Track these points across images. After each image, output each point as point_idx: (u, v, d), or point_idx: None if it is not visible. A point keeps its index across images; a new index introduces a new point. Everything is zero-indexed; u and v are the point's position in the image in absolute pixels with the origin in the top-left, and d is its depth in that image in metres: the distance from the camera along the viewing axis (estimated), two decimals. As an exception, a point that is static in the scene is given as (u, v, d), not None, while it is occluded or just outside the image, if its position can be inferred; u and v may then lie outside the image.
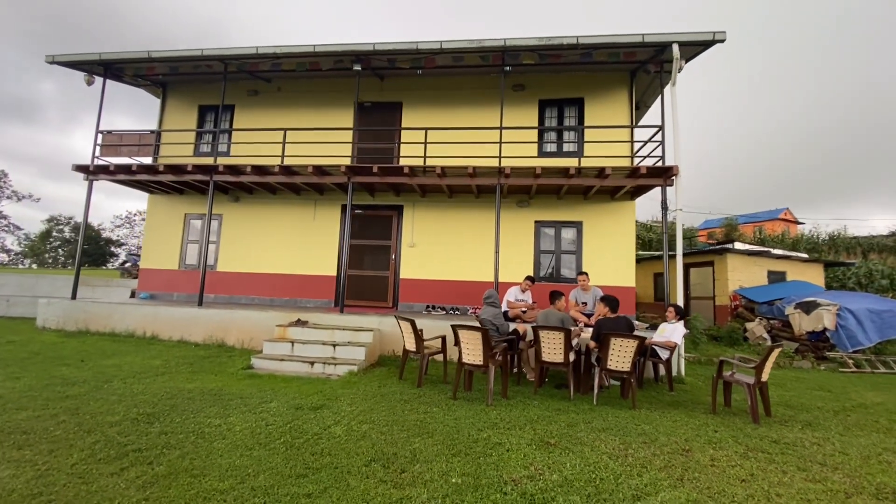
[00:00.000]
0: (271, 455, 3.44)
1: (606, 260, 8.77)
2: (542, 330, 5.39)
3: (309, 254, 9.72)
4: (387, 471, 3.27)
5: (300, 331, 7.25)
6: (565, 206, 9.11)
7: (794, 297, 10.27)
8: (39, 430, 3.72)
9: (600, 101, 9.22)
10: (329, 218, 9.81)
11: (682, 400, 5.78)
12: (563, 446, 3.87)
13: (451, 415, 4.61)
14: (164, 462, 3.24)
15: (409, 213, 9.56)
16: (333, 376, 6.24)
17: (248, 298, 9.78)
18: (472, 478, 3.20)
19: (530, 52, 7.73)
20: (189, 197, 10.23)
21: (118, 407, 4.39)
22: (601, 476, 3.31)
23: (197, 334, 7.97)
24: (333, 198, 9.81)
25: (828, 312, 9.04)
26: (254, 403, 4.71)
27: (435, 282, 9.22)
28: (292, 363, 6.55)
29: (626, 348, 5.16)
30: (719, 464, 3.65)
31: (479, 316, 6.21)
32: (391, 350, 7.47)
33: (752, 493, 3.16)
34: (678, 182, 7.20)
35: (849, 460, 3.85)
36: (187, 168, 8.33)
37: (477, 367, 5.18)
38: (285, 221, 9.90)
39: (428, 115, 9.56)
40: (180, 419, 4.13)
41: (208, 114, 10.62)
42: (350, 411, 4.59)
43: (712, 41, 7.00)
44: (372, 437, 3.90)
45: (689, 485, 3.24)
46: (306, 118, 9.88)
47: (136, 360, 6.48)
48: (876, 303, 9.26)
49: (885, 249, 26.53)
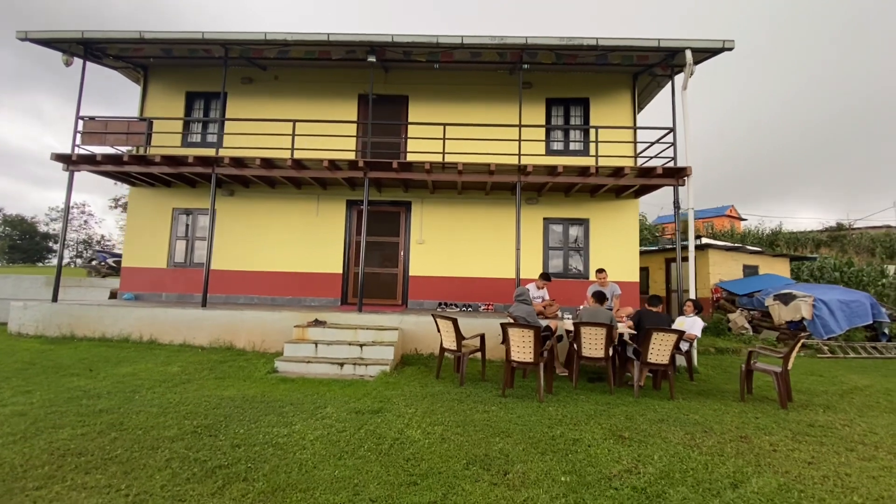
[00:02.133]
0: (366, 464, 3.33)
1: (612, 256, 9.09)
2: (585, 326, 5.53)
3: (312, 251, 9.37)
4: (490, 473, 3.27)
5: (320, 331, 7.01)
6: (573, 204, 9.34)
7: (770, 289, 11.11)
8: (95, 451, 3.39)
9: (604, 101, 9.49)
10: (333, 213, 9.49)
11: (706, 389, 6.13)
12: (636, 439, 4.01)
13: (512, 413, 4.64)
14: (260, 478, 3.06)
15: (417, 209, 9.44)
16: (366, 377, 6.10)
17: (246, 298, 9.30)
18: (576, 476, 3.26)
19: (548, 52, 7.81)
20: (178, 190, 9.55)
21: (166, 419, 4.07)
22: (690, 466, 3.47)
23: (202, 337, 7.51)
24: (338, 192, 9.50)
25: (805, 303, 9.87)
26: (309, 409, 4.52)
27: (445, 279, 9.18)
28: (320, 365, 6.33)
29: (667, 342, 5.40)
30: (780, 449, 3.92)
31: (511, 313, 6.26)
32: (412, 349, 7.39)
33: (826, 475, 3.42)
34: (689, 182, 7.58)
35: (883, 439, 4.25)
36: (188, 160, 7.76)
37: (527, 364, 5.24)
38: (286, 217, 9.47)
39: (435, 111, 9.44)
40: (243, 430, 3.90)
41: (197, 101, 9.92)
42: (412, 413, 4.52)
43: (721, 48, 7.40)
44: (452, 440, 3.86)
45: (768, 470, 3.46)
46: (306, 109, 9.46)
47: (150, 367, 6.01)
48: (844, 294, 10.21)
49: (820, 244, 29.17)
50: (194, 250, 9.53)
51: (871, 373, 7.76)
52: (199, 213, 9.59)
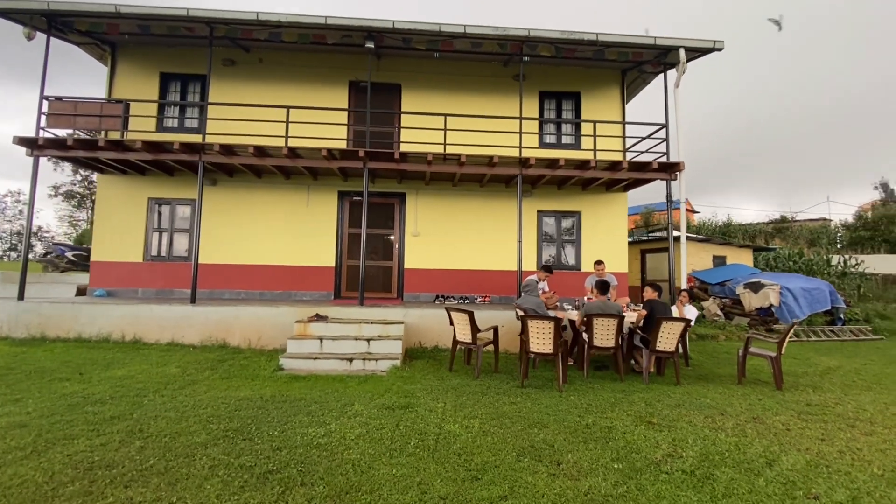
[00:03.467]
0: (419, 461, 3.29)
1: (602, 247, 9.36)
2: (597, 317, 5.67)
3: (303, 244, 9.04)
4: (543, 464, 3.31)
5: (323, 326, 6.81)
6: (565, 197, 9.51)
7: (739, 278, 11.83)
8: (125, 462, 3.15)
9: (595, 95, 9.69)
10: (325, 204, 9.18)
11: (703, 373, 6.47)
12: (664, 425, 4.19)
13: (539, 403, 4.72)
14: (317, 481, 2.95)
15: (412, 200, 9.29)
16: (377, 372, 6.00)
17: (233, 293, 8.87)
18: (626, 462, 3.36)
19: (548, 45, 7.85)
20: (154, 178, 8.90)
21: (189, 424, 3.84)
22: (723, 448, 3.66)
23: (192, 335, 7.10)
24: (329, 183, 9.19)
25: (773, 291, 10.59)
26: (336, 407, 4.40)
27: (441, 271, 9.14)
28: (328, 361, 6.16)
29: (675, 331, 5.65)
30: (793, 429, 4.21)
31: (520, 305, 6.34)
32: (416, 342, 7.33)
33: (841, 450, 3.71)
34: (681, 176, 7.91)
35: (873, 415, 4.65)
36: (173, 146, 7.22)
37: (546, 355, 5.32)
38: (274, 208, 9.07)
39: (429, 100, 9.28)
40: (277, 432, 3.74)
41: (172, 83, 9.24)
42: (441, 408, 4.49)
43: (712, 48, 7.72)
44: (493, 433, 3.88)
45: (791, 448, 3.71)
46: (293, 95, 9.04)
47: (146, 369, 5.62)
48: (806, 282, 11.04)
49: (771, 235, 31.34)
50: (174, 243, 8.96)
51: (836, 354, 8.46)
52: (179, 204, 9.00)
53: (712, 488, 3.01)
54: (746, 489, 3.01)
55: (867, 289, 15.97)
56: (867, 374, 6.63)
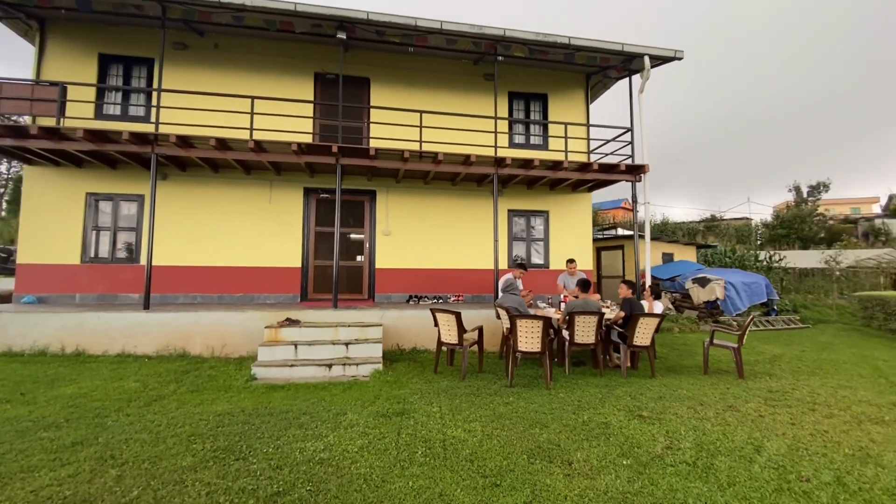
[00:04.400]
0: (433, 470, 3.19)
1: (569, 246, 9.65)
2: (579, 315, 5.81)
3: (265, 243, 8.51)
4: (555, 465, 3.33)
5: (296, 331, 6.46)
6: (535, 197, 9.69)
7: (688, 273, 12.68)
8: (105, 495, 2.79)
9: (561, 98, 9.94)
10: (289, 201, 8.70)
11: (670, 365, 6.84)
12: (654, 418, 4.36)
13: (532, 402, 4.75)
14: (333, 501, 2.78)
15: (382, 198, 9.04)
16: (359, 377, 5.78)
17: (187, 297, 8.17)
18: (632, 458, 3.46)
19: (522, 46, 7.93)
20: (93, 171, 7.98)
21: (169, 446, 3.46)
22: (712, 438, 3.87)
23: (146, 345, 6.46)
24: (294, 179, 8.72)
25: (718, 285, 11.44)
26: (328, 418, 4.17)
27: (413, 271, 8.98)
28: (305, 368, 5.85)
29: (651, 326, 5.92)
30: (765, 415, 4.55)
31: (502, 304, 6.36)
32: (394, 344, 7.16)
33: (811, 433, 4.05)
34: (646, 178, 8.30)
35: (827, 399, 5.13)
36: (122, 136, 6.48)
37: (534, 354, 5.38)
38: (233, 205, 8.46)
39: (398, 96, 9.07)
40: (271, 449, 3.47)
41: (114, 66, 8.31)
42: (438, 412, 4.40)
43: (674, 57, 8.17)
44: (496, 435, 3.85)
45: (769, 434, 4.00)
46: (253, 85, 8.45)
47: (99, 385, 5.02)
48: (745, 276, 12.04)
49: (698, 233, 33.93)
50: (118, 243, 8.10)
51: (775, 342, 9.28)
52: (124, 200, 8.14)
53: (716, 478, 3.16)
54: (745, 476, 3.19)
55: (787, 282, 17.76)
56: (808, 361, 7.32)
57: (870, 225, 33.57)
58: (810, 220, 31.34)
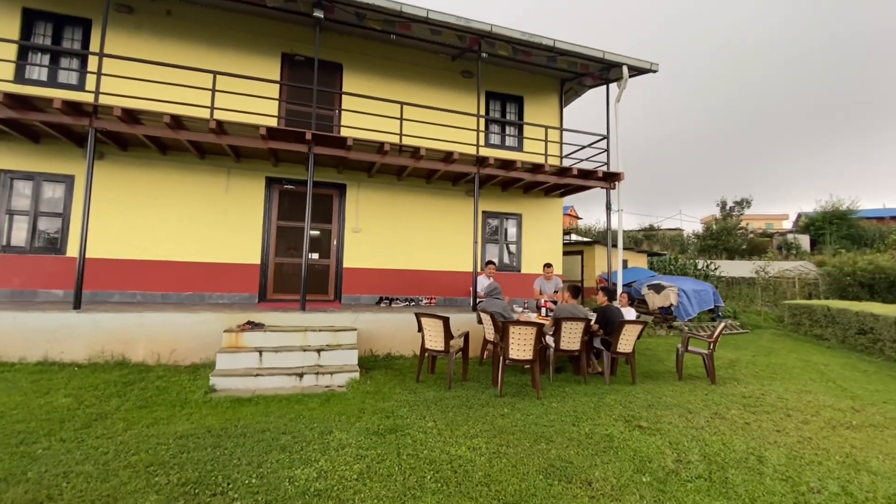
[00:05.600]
0: (448, 498, 2.87)
1: (541, 249, 9.62)
2: (566, 321, 5.70)
3: (220, 236, 7.66)
4: (575, 485, 3.13)
5: (261, 336, 5.81)
6: (508, 199, 9.56)
7: (643, 280, 13.21)
8: (42, 552, 2.17)
9: (537, 101, 9.90)
10: (249, 192, 7.90)
11: (643, 371, 6.92)
12: (653, 428, 4.29)
13: (529, 414, 4.54)
14: (344, 543, 2.34)
15: (353, 193, 8.48)
16: (336, 387, 5.28)
17: (124, 295, 7.14)
18: (649, 474, 3.33)
19: (506, 44, 7.75)
20: (8, 144, 6.74)
21: (124, 480, 2.84)
22: (715, 449, 3.85)
23: (76, 350, 5.51)
24: (255, 167, 7.93)
25: (672, 292, 11.99)
26: (313, 438, 3.68)
27: (384, 271, 8.50)
28: (272, 378, 5.24)
29: (633, 333, 5.93)
30: (751, 422, 4.64)
31: (485, 309, 6.12)
32: (367, 350, 6.68)
33: (799, 440, 4.17)
34: (620, 186, 8.44)
35: (796, 404, 5.37)
36: (52, 104, 5.46)
37: (526, 362, 5.17)
38: (183, 192, 7.52)
39: (372, 85, 8.55)
40: (254, 479, 2.96)
41: (40, 24, 7.07)
42: (432, 428, 4.05)
43: (649, 69, 8.37)
44: (504, 453, 3.58)
45: (764, 442, 4.06)
46: (211, 61, 7.55)
47: (20, 401, 4.13)
48: (695, 284, 12.74)
49: (640, 241, 35.98)
50: (38, 230, 6.91)
51: (726, 347, 9.81)
52: (48, 181, 6.96)
53: (736, 493, 3.09)
54: (762, 490, 3.15)
55: (720, 289, 19.16)
56: (762, 366, 7.74)
57: (783, 239, 37.29)
58: (735, 233, 34.25)
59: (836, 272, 14.66)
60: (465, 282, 8.75)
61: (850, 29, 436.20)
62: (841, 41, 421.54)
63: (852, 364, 8.30)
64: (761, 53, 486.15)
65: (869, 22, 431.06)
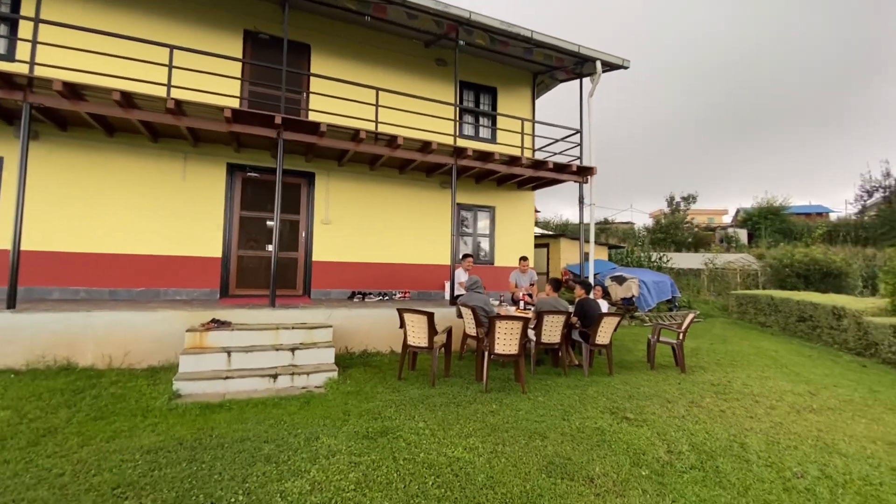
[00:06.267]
0: (459, 503, 2.72)
1: (513, 242, 9.64)
2: (548, 315, 5.70)
3: (176, 227, 7.05)
4: (578, 482, 3.10)
5: (228, 335, 5.40)
6: (481, 192, 9.47)
7: (605, 272, 13.62)
8: None
9: (510, 93, 9.84)
10: (209, 179, 7.30)
11: (616, 361, 7.10)
12: (638, 420, 4.37)
13: (518, 410, 4.50)
14: (353, 564, 2.16)
15: (322, 182, 8.06)
16: (313, 388, 5.00)
17: (66, 291, 6.42)
18: (647, 467, 3.37)
19: (484, 33, 7.58)
20: (-84, 119, 5.82)
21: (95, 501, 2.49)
22: (701, 438, 3.96)
23: (11, 355, 4.86)
24: (215, 152, 7.34)
25: (634, 283, 12.44)
26: (299, 445, 3.43)
27: (356, 265, 8.18)
28: (244, 380, 4.89)
29: (611, 325, 6.04)
30: (726, 410, 4.84)
31: (466, 303, 6.01)
32: (342, 347, 6.40)
33: (772, 426, 4.38)
34: (592, 180, 8.56)
35: (761, 391, 5.65)
36: (-25, 74, 4.71)
37: (511, 356, 5.12)
38: (133, 179, 6.83)
39: (343, 69, 8.12)
40: (241, 497, 2.71)
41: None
42: (424, 429, 3.90)
43: (621, 65, 8.51)
44: (502, 452, 3.51)
45: (742, 429, 4.23)
46: (165, 34, 6.87)
47: (-56, 418, 3.56)
48: (654, 276, 13.28)
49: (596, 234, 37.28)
50: (-43, 219, 6.04)
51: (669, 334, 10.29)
52: (-31, 162, 6.09)
53: (730, 482, 3.18)
54: (753, 478, 3.26)
55: (673, 280, 20.22)
56: (721, 353, 8.15)
57: (725, 233, 39.93)
58: (682, 227, 36.23)
59: (777, 264, 15.80)
60: (440, 275, 8.61)
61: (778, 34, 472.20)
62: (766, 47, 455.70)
63: (797, 350, 8.94)
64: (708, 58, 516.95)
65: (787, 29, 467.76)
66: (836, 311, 9.42)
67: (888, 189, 33.16)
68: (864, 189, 35.68)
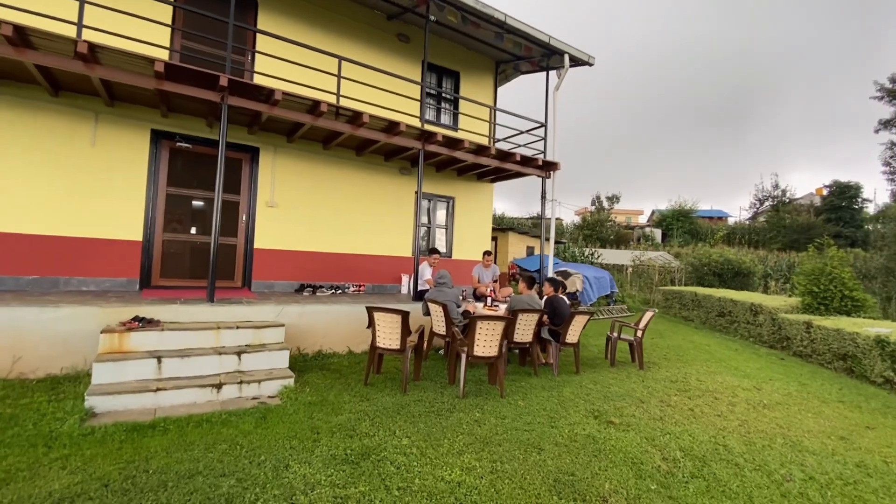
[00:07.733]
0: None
1: (471, 235, 9.35)
2: (522, 312, 5.48)
3: (84, 203, 5.77)
4: (587, 500, 2.84)
5: (156, 336, 4.48)
6: (441, 181, 9.00)
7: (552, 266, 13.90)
8: None
9: (473, 79, 9.44)
10: (127, 147, 6.06)
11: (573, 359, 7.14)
12: (622, 424, 4.28)
13: (502, 417, 4.22)
14: None
15: (267, 159, 7.08)
16: (266, 399, 4.31)
17: (-79, 278, 4.96)
18: (650, 479, 3.24)
19: (456, 11, 7.08)
20: None
21: None
22: (687, 443, 3.95)
23: None
24: (136, 115, 6.10)
25: (578, 278, 12.81)
26: (267, 478, 2.82)
27: (305, 254, 7.35)
28: (180, 392, 4.06)
29: (581, 323, 5.98)
30: (695, 409, 4.93)
31: (435, 299, 5.62)
32: (294, 348, 5.67)
33: (740, 424, 4.54)
34: (555, 176, 8.48)
35: (717, 388, 5.88)
36: None
37: (491, 358, 4.81)
38: (23, 141, 5.44)
39: (295, 31, 7.16)
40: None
41: None
42: (409, 445, 3.46)
43: (587, 62, 8.47)
44: (500, 471, 3.20)
45: (717, 430, 4.31)
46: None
47: None
48: (595, 272, 13.81)
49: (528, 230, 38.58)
50: None
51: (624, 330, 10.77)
52: None
53: (734, 491, 3.14)
54: (751, 485, 3.26)
55: (603, 275, 21.40)
56: (663, 348, 8.56)
57: (642, 232, 43.37)
58: (606, 225, 38.61)
59: (697, 263, 17.26)
60: (396, 267, 8.09)
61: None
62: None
63: (722, 343, 9.68)
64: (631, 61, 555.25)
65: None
66: (754, 307, 10.34)
67: (776, 199, 38.15)
68: (757, 197, 40.71)
